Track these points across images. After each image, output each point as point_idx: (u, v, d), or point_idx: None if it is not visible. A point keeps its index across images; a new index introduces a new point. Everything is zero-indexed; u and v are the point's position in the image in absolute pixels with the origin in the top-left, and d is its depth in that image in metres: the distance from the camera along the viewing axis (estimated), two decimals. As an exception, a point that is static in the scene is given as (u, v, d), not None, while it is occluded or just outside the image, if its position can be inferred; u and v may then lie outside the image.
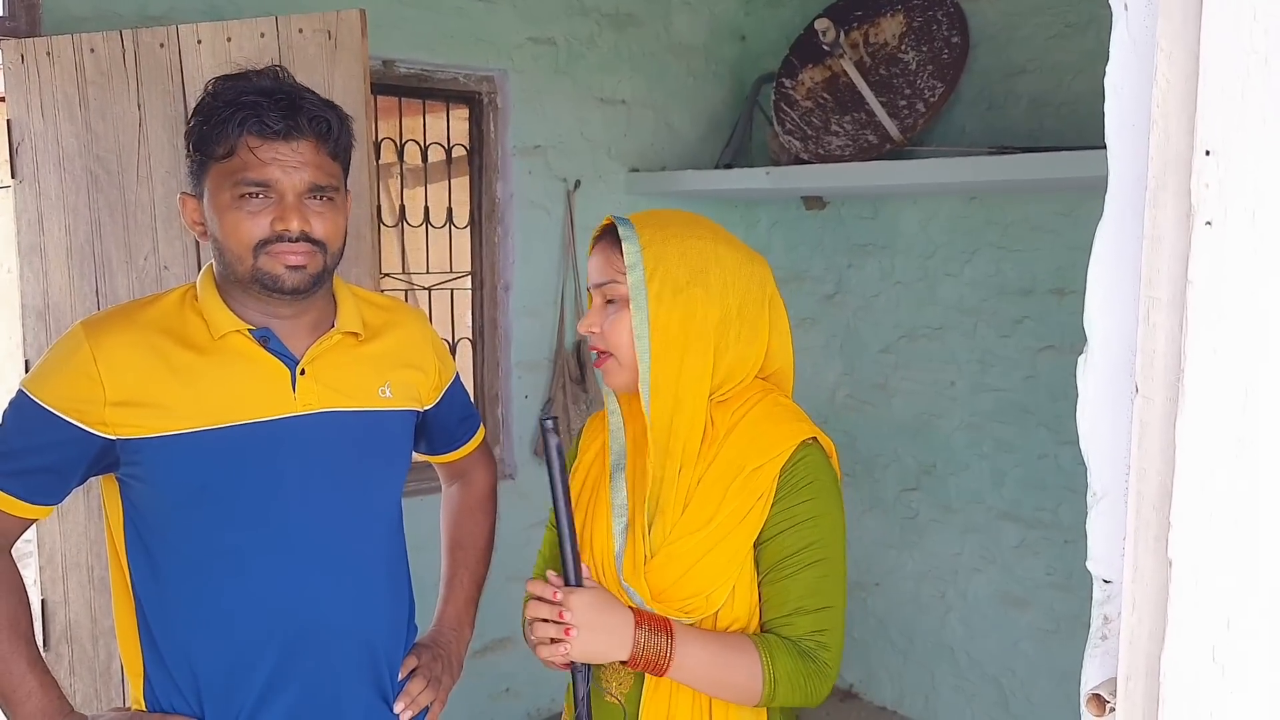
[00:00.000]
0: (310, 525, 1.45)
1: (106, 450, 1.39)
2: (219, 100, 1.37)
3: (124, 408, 1.37)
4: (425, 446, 1.72)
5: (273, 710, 1.46)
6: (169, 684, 1.45)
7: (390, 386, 1.53)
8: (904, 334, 3.69)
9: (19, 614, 1.42)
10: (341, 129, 1.43)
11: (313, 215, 1.38)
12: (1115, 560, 0.78)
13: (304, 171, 1.37)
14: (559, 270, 3.68)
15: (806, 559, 1.33)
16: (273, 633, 1.44)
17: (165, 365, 1.39)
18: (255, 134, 1.34)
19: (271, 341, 1.44)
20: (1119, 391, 0.77)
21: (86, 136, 2.48)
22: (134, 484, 1.41)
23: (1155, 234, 0.70)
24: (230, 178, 1.36)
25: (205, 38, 2.42)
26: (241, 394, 1.41)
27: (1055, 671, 3.33)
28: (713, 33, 4.00)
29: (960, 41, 3.31)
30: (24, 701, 1.39)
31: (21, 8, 2.57)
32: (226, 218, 1.37)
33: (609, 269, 1.34)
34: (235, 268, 1.39)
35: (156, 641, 1.45)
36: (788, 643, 1.33)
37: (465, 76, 3.42)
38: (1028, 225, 3.30)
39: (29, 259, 2.55)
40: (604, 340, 1.36)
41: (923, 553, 3.70)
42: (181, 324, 1.43)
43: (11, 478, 1.39)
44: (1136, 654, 0.73)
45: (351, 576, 1.49)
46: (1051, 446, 3.29)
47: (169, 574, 1.43)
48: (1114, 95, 0.76)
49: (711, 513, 1.33)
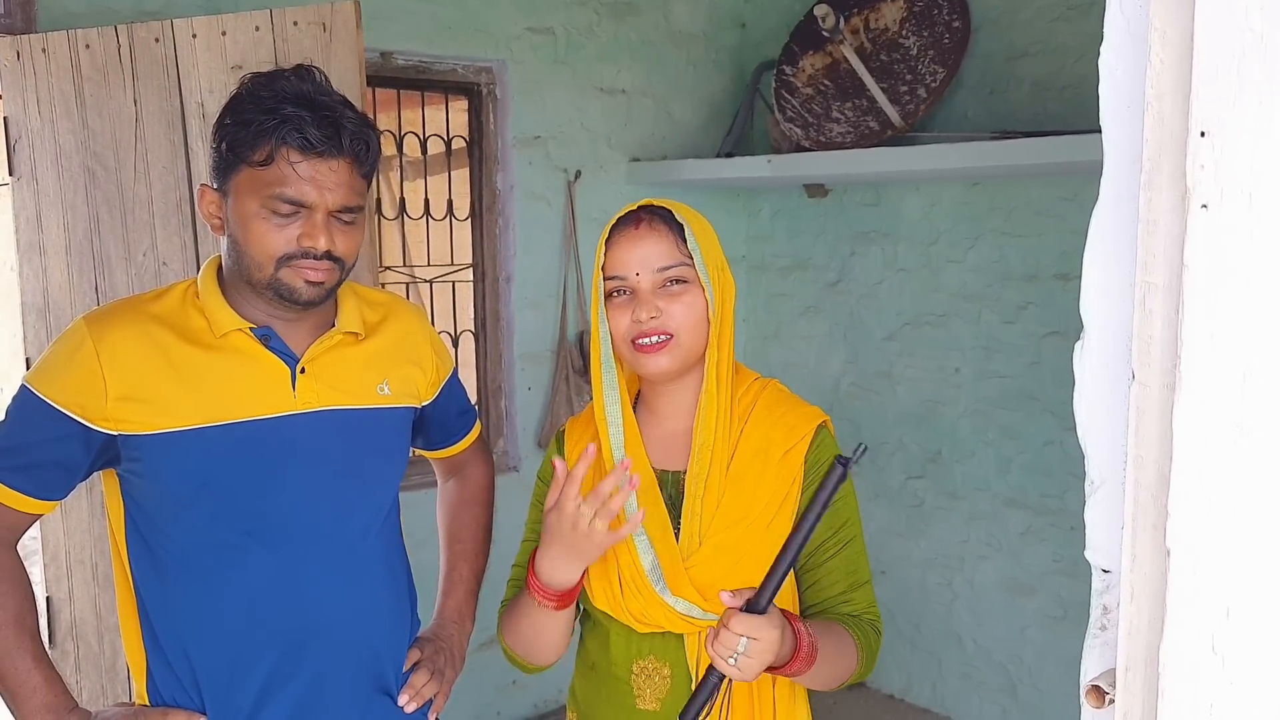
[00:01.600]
0: (310, 522, 1.45)
1: (108, 445, 1.39)
2: (260, 103, 1.35)
3: (126, 403, 1.37)
4: (422, 442, 1.71)
5: (274, 705, 1.46)
6: (171, 679, 1.45)
7: (389, 384, 1.53)
8: (908, 321, 3.67)
9: (24, 610, 1.42)
10: (376, 149, 1.43)
11: (338, 233, 1.38)
12: (1114, 549, 0.77)
13: (338, 192, 1.37)
14: (560, 261, 3.67)
15: (843, 538, 1.39)
16: (273, 628, 1.44)
17: (167, 361, 1.39)
18: (296, 147, 1.34)
19: (273, 340, 1.44)
20: (1116, 378, 0.76)
21: (83, 133, 2.47)
22: (134, 480, 1.41)
23: (1151, 217, 0.68)
24: (265, 187, 1.35)
25: (200, 32, 2.41)
26: (242, 391, 1.41)
27: (1062, 658, 3.32)
28: (712, 20, 3.97)
29: (961, 26, 3.28)
30: (29, 697, 1.39)
31: (17, 4, 2.56)
32: (253, 225, 1.36)
33: (676, 252, 1.34)
34: (252, 273, 1.39)
35: (158, 637, 1.45)
36: (861, 620, 1.38)
37: (464, 68, 3.41)
38: (1031, 210, 3.28)
39: (28, 256, 2.55)
40: (671, 322, 1.34)
41: (929, 541, 3.69)
42: (184, 320, 1.43)
43: (16, 473, 1.39)
44: (1135, 644, 0.72)
45: (351, 572, 1.49)
46: (1057, 433, 3.27)
47: (169, 570, 1.43)
48: (1108, 77, 0.74)
49: (749, 502, 1.34)
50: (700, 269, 1.34)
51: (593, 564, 1.35)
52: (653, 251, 1.35)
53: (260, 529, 1.42)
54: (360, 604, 1.50)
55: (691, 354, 1.36)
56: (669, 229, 1.35)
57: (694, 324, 1.35)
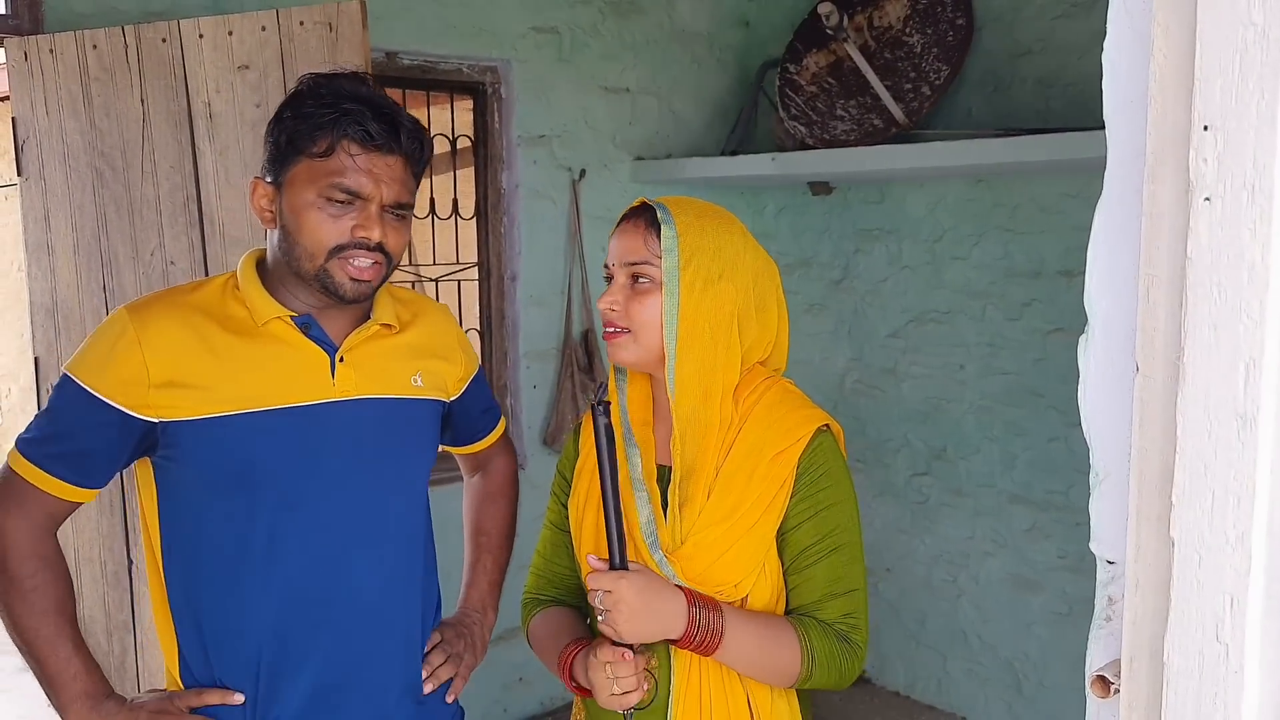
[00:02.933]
0: (344, 508, 1.48)
1: (148, 433, 1.41)
2: (320, 99, 1.39)
3: (167, 389, 1.39)
4: (449, 438, 1.74)
5: (301, 687, 1.48)
6: (203, 662, 1.48)
7: (421, 376, 1.57)
8: (912, 318, 3.68)
9: (64, 597, 1.45)
10: (429, 152, 1.48)
11: (389, 228, 1.42)
12: (1119, 541, 0.78)
13: (393, 186, 1.41)
14: (565, 260, 3.68)
15: (830, 545, 1.36)
16: (306, 612, 1.47)
17: (208, 348, 1.42)
18: (356, 140, 1.38)
19: (313, 328, 1.46)
20: (1120, 371, 0.77)
21: (91, 133, 2.49)
22: (170, 467, 1.44)
23: (1154, 211, 0.69)
24: (323, 178, 1.38)
25: (207, 32, 2.42)
26: (282, 378, 1.44)
27: (1068, 654, 3.32)
28: (716, 19, 3.98)
29: (965, 23, 3.28)
30: (68, 684, 1.42)
31: (24, 6, 2.58)
32: (309, 215, 1.39)
33: (644, 250, 1.35)
34: (302, 263, 1.41)
35: (190, 621, 1.48)
36: (822, 625, 1.36)
37: (469, 67, 3.41)
38: (1035, 207, 3.28)
39: (36, 256, 2.56)
40: (626, 319, 1.36)
41: (934, 537, 3.70)
42: (223, 309, 1.46)
43: (58, 461, 1.42)
44: (1140, 635, 0.73)
45: (384, 560, 1.52)
46: (1062, 429, 3.28)
47: (202, 554, 1.46)
48: (1111, 72, 0.75)
49: (736, 501, 1.35)
50: (668, 273, 1.34)
51: (586, 537, 1.43)
52: (625, 246, 1.37)
53: (296, 514, 1.45)
54: (391, 590, 1.53)
55: (654, 351, 1.37)
56: (646, 227, 1.36)
57: (648, 323, 1.35)
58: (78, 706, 1.43)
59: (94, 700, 1.43)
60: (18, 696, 4.26)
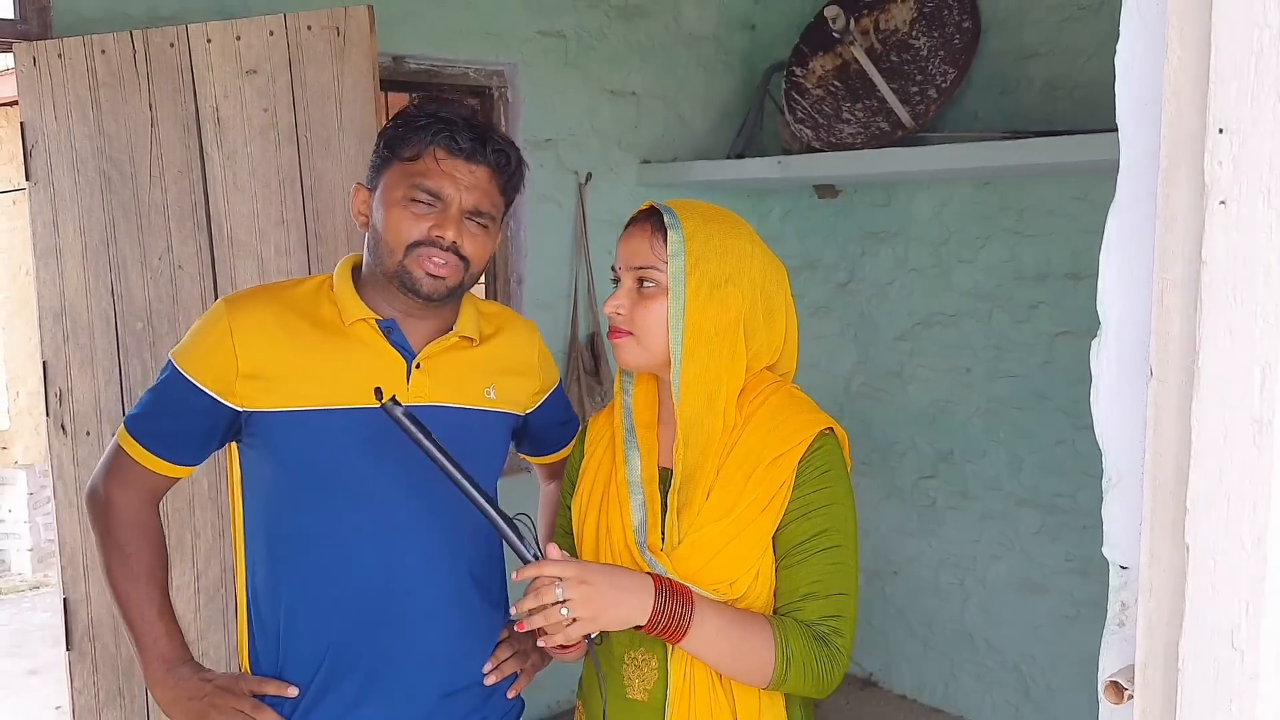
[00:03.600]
0: (408, 511, 1.52)
1: (234, 420, 1.50)
2: (421, 111, 1.49)
3: (252, 380, 1.47)
4: (527, 448, 1.78)
5: (358, 682, 1.52)
6: (270, 650, 1.55)
7: (495, 389, 1.61)
8: (919, 321, 3.67)
9: (156, 565, 1.55)
10: (517, 170, 1.54)
11: (467, 234, 1.48)
12: (1132, 546, 0.77)
13: (474, 193, 1.48)
14: (571, 263, 3.68)
15: (819, 545, 1.34)
16: (365, 610, 1.51)
17: (294, 344, 1.49)
18: (444, 147, 1.46)
19: (394, 334, 1.52)
20: (1134, 375, 0.77)
21: (99, 138, 2.49)
22: (252, 454, 1.52)
23: (1169, 214, 0.69)
24: (409, 178, 1.46)
25: (215, 37, 2.43)
26: (359, 379, 1.48)
27: (1076, 657, 3.31)
28: (722, 22, 3.98)
29: (971, 26, 3.28)
30: (151, 645, 1.53)
31: (33, 10, 2.58)
32: (393, 212, 1.47)
33: (650, 254, 1.35)
34: (385, 260, 1.48)
35: (261, 608, 1.55)
36: (802, 626, 1.33)
37: (475, 71, 3.42)
38: (1042, 210, 3.28)
39: (45, 261, 2.57)
40: (630, 322, 1.36)
41: (941, 540, 3.69)
42: (315, 308, 1.53)
43: (157, 439, 1.52)
44: (1155, 640, 0.73)
45: (445, 562, 1.56)
46: (1069, 432, 3.27)
47: (275, 544, 1.53)
48: (1125, 74, 0.75)
49: (733, 501, 1.34)
50: (674, 278, 1.33)
51: (587, 540, 1.43)
52: (632, 250, 1.37)
53: (361, 513, 1.50)
54: (450, 594, 1.56)
55: (659, 355, 1.37)
56: (654, 230, 1.36)
57: (653, 327, 1.35)
58: (155, 667, 1.53)
59: (170, 664, 1.53)
60: (28, 699, 4.27)
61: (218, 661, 2.54)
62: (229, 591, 2.57)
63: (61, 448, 2.62)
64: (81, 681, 2.67)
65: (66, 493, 2.63)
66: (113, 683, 2.66)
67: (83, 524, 2.61)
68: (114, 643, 2.64)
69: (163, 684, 1.53)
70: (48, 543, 5.69)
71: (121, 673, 2.65)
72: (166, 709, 1.55)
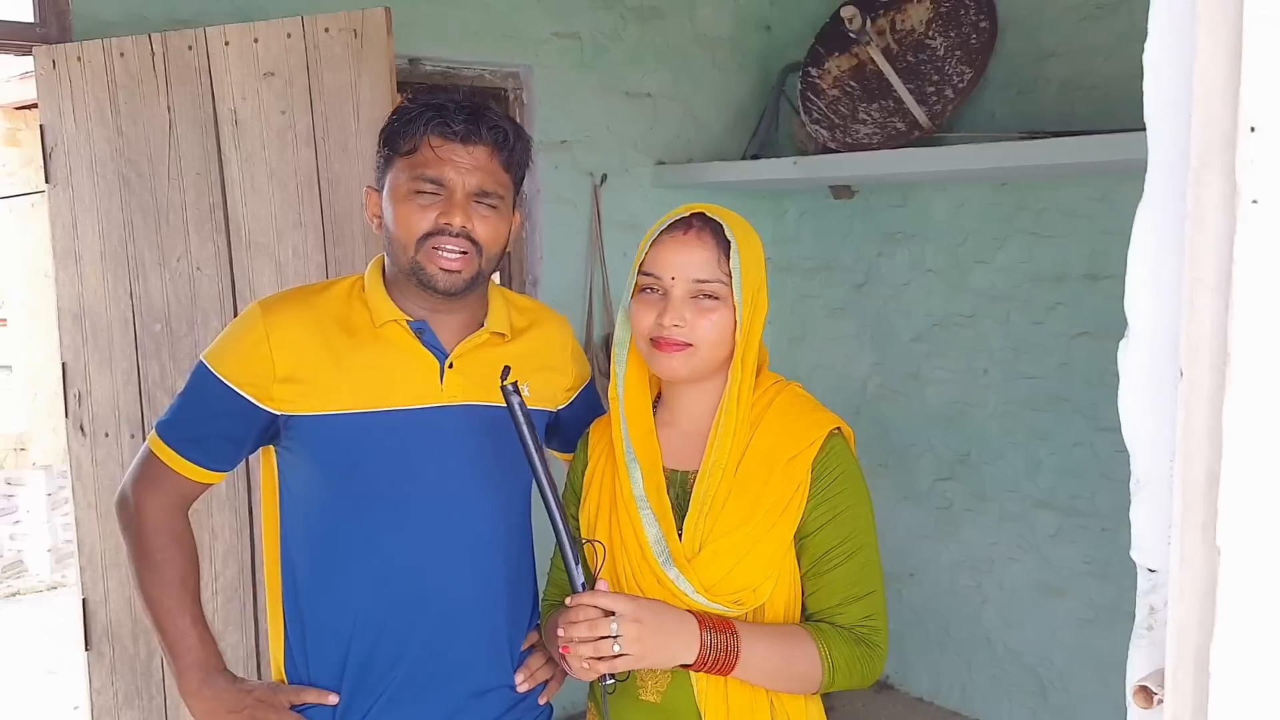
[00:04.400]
0: (442, 511, 1.52)
1: (270, 423, 1.49)
2: (413, 102, 1.49)
3: (288, 384, 1.47)
4: (558, 444, 1.77)
5: (391, 685, 1.52)
6: (304, 654, 1.55)
7: (528, 386, 1.59)
8: (936, 322, 3.66)
9: (188, 572, 1.54)
10: (517, 143, 1.52)
11: (476, 217, 1.46)
12: (1161, 549, 0.77)
13: (475, 175, 1.46)
14: (586, 265, 3.68)
15: (848, 549, 1.36)
16: (396, 611, 1.51)
17: (327, 347, 1.49)
18: (438, 134, 1.45)
19: (426, 334, 1.51)
20: (1162, 376, 0.76)
21: (118, 140, 2.51)
22: (288, 457, 1.52)
23: (1199, 214, 0.68)
24: (409, 171, 1.45)
25: (233, 39, 2.44)
26: (393, 381, 1.49)
27: (1094, 661, 3.29)
28: (738, 23, 3.97)
29: (988, 26, 3.27)
30: (185, 654, 1.52)
31: (52, 14, 2.60)
32: (399, 208, 1.46)
33: (714, 268, 1.35)
34: (399, 257, 1.48)
35: (294, 611, 1.55)
36: (841, 631, 1.35)
37: (491, 73, 3.42)
38: (1060, 210, 3.26)
39: (64, 263, 2.58)
40: (695, 335, 1.35)
41: (958, 543, 3.67)
42: (348, 311, 1.52)
43: (190, 444, 1.51)
44: (1185, 645, 0.72)
45: (478, 562, 1.55)
46: (1087, 434, 3.25)
47: (310, 548, 1.53)
48: (1153, 73, 0.74)
49: (752, 506, 1.34)
50: (736, 289, 1.35)
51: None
52: (694, 261, 1.35)
53: (396, 515, 1.50)
54: (482, 594, 1.56)
55: (708, 364, 1.37)
56: (715, 243, 1.36)
57: (716, 340, 1.36)
58: (190, 675, 1.52)
59: (205, 672, 1.52)
60: (46, 698, 4.29)
61: (236, 662, 2.54)
62: (246, 593, 2.58)
63: (80, 449, 2.64)
64: (100, 682, 2.68)
65: (85, 494, 2.64)
66: (131, 683, 2.67)
67: (101, 526, 2.63)
68: (132, 644, 2.65)
69: (198, 695, 1.52)
70: (65, 543, 5.72)
71: (139, 673, 2.66)
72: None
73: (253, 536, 2.57)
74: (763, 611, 1.37)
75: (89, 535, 2.64)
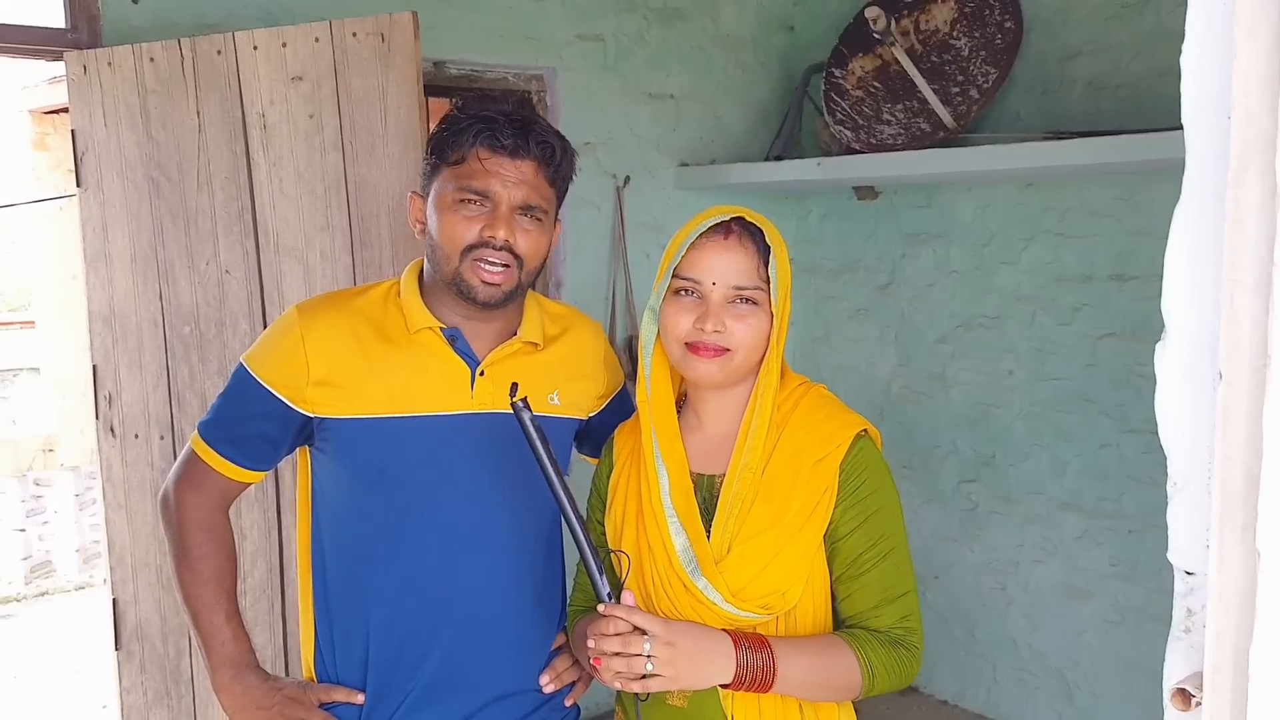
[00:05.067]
0: (469, 518, 1.53)
1: (305, 425, 1.52)
2: (463, 113, 1.49)
3: (322, 387, 1.49)
4: (588, 450, 1.78)
5: (416, 687, 1.54)
6: (332, 654, 1.57)
7: (559, 394, 1.61)
8: (960, 323, 3.64)
9: (225, 569, 1.57)
10: (564, 159, 1.53)
11: (520, 230, 1.48)
12: (1198, 552, 0.76)
13: (521, 189, 1.47)
14: (610, 267, 3.69)
15: (881, 551, 1.36)
16: (422, 614, 1.53)
17: (362, 351, 1.50)
18: (486, 146, 1.46)
19: (459, 341, 1.53)
20: (1200, 378, 0.75)
21: (148, 144, 2.53)
22: (321, 458, 1.55)
23: (1238, 216, 0.68)
24: (456, 181, 1.47)
25: (261, 44, 2.46)
26: (425, 387, 1.51)
27: (1120, 663, 3.27)
28: (761, 24, 3.97)
29: (1014, 26, 3.25)
30: (218, 649, 1.55)
31: (83, 20, 2.63)
32: (445, 217, 1.48)
33: (754, 274, 1.35)
34: (442, 266, 1.49)
35: (324, 611, 1.57)
36: (877, 634, 1.35)
37: (515, 75, 3.44)
38: (1086, 211, 3.24)
39: (94, 266, 2.61)
40: (733, 340, 1.35)
41: (983, 545, 3.66)
42: (382, 316, 1.54)
43: (229, 444, 1.54)
44: (1224, 647, 0.72)
45: (506, 566, 1.56)
46: (1113, 435, 3.23)
47: (339, 547, 1.55)
48: (1191, 74, 0.74)
49: (780, 509, 1.34)
50: (773, 295, 1.36)
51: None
52: (735, 267, 1.35)
53: (424, 519, 1.51)
54: (510, 598, 1.57)
55: (742, 369, 1.38)
56: (756, 249, 1.36)
57: (753, 344, 1.36)
58: (222, 671, 1.55)
59: (237, 669, 1.54)
60: (74, 698, 4.33)
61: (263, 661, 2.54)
62: (275, 592, 2.60)
63: (110, 450, 2.66)
64: (129, 681, 2.71)
65: (115, 495, 2.67)
66: (160, 683, 2.69)
67: (131, 526, 2.65)
68: (161, 643, 2.68)
69: (229, 690, 1.54)
70: (93, 544, 5.77)
71: (169, 673, 2.68)
72: (233, 716, 1.56)
73: (281, 537, 2.59)
74: (793, 616, 1.36)
75: (119, 536, 2.67)
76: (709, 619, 1.33)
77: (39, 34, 2.62)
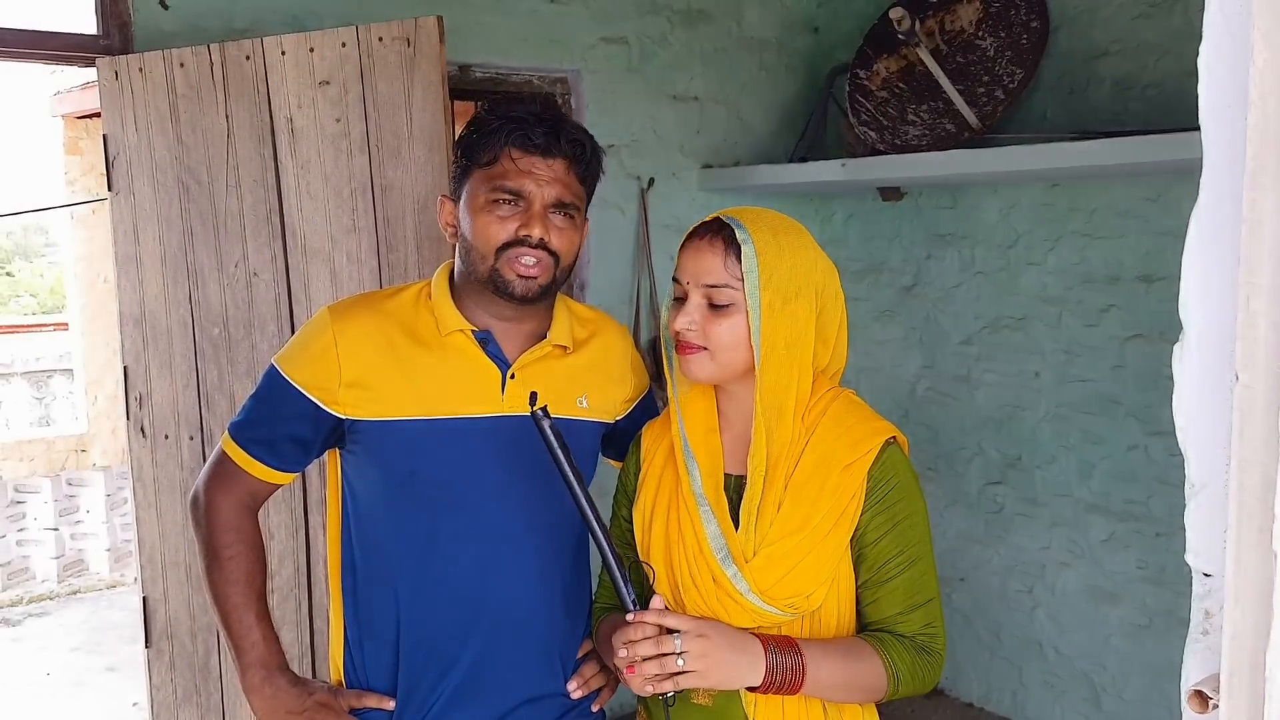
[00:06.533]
0: (499, 520, 1.54)
1: (336, 427, 1.52)
2: (492, 114, 1.51)
3: (354, 389, 1.50)
4: (613, 453, 1.78)
5: (445, 690, 1.54)
6: (362, 655, 1.58)
7: (587, 398, 1.62)
8: (986, 325, 3.63)
9: (254, 571, 1.57)
10: (594, 156, 1.55)
11: (553, 228, 1.49)
12: (1216, 553, 0.76)
13: (554, 187, 1.49)
14: (634, 269, 3.70)
15: (908, 558, 1.36)
16: (452, 616, 1.53)
17: (393, 354, 1.51)
18: (518, 146, 1.47)
19: (490, 344, 1.54)
20: (1218, 380, 0.75)
21: (178, 148, 2.57)
22: (352, 460, 1.55)
23: (1255, 218, 0.68)
24: (489, 183, 1.48)
25: (289, 49, 2.48)
26: (456, 389, 1.51)
27: (1148, 667, 3.25)
28: (784, 25, 3.97)
29: (1039, 26, 3.24)
30: (249, 650, 1.55)
31: (115, 26, 2.67)
32: (479, 218, 1.49)
33: (723, 272, 1.35)
34: (477, 266, 1.50)
35: (357, 613, 1.58)
36: (902, 640, 1.36)
37: (539, 78, 3.45)
38: (1113, 211, 3.22)
39: (125, 268, 2.65)
40: (705, 338, 1.36)
41: (1009, 547, 3.64)
42: (414, 318, 1.55)
43: (260, 445, 1.54)
44: (1240, 649, 0.72)
45: (535, 570, 1.57)
46: (1141, 437, 3.21)
47: (369, 549, 1.56)
48: (1207, 75, 0.74)
49: (808, 512, 1.34)
50: (750, 294, 1.33)
51: (656, 547, 1.43)
52: (702, 267, 1.36)
53: (453, 520, 1.52)
54: (538, 603, 1.57)
55: (730, 368, 1.37)
56: (725, 248, 1.35)
57: (730, 345, 1.35)
58: (252, 673, 1.55)
59: (267, 670, 1.55)
60: (106, 695, 4.39)
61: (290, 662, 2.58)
62: (302, 593, 2.62)
63: (141, 450, 2.70)
64: (160, 678, 2.74)
65: (146, 494, 2.70)
66: (190, 680, 2.73)
67: (161, 525, 2.69)
68: (191, 641, 2.71)
69: (259, 692, 1.55)
70: (124, 543, 5.84)
71: (198, 670, 2.72)
72: (263, 719, 1.56)
73: (308, 537, 2.61)
74: (818, 617, 1.37)
75: (149, 535, 2.71)
76: (736, 615, 1.34)
77: (72, 40, 2.66)
